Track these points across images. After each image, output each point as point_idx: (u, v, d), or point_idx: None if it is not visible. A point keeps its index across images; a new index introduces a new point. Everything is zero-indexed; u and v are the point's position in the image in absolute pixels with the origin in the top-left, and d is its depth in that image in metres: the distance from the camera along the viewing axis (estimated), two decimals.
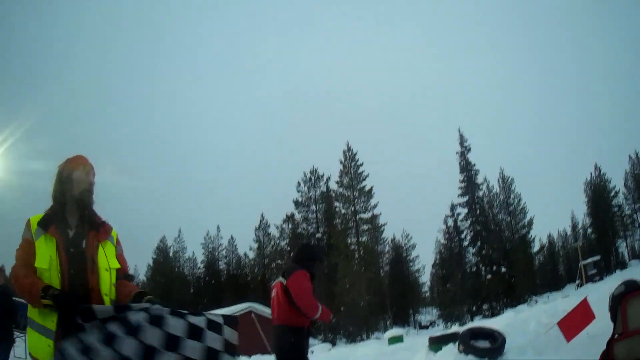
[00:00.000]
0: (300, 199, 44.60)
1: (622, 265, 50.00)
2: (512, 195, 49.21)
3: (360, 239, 41.40)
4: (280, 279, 4.34)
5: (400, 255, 55.28)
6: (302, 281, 4.17)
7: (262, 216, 50.28)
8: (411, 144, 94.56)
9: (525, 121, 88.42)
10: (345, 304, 35.98)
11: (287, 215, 43.72)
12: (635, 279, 3.02)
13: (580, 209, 59.80)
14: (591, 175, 58.73)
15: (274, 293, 4.39)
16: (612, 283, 20.50)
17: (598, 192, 57.07)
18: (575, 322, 8.90)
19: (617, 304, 2.71)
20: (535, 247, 50.22)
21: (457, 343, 8.42)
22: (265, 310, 23.24)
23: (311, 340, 5.01)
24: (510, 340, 8.91)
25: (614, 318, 2.75)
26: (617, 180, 58.84)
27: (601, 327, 8.90)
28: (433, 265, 55.65)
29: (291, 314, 4.19)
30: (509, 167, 62.08)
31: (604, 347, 2.76)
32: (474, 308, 37.09)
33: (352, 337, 34.83)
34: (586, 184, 58.64)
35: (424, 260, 59.78)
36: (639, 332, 2.50)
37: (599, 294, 14.20)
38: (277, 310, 4.30)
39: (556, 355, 8.54)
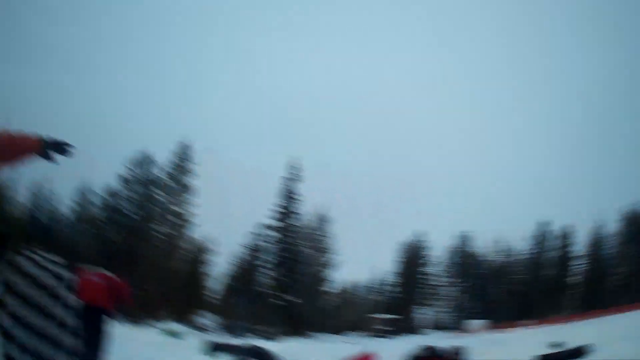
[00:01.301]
0: (127, 176, 47.35)
1: (416, 331, 57.30)
2: (323, 233, 56.19)
3: (167, 229, 46.51)
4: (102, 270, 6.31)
5: (198, 255, 56.94)
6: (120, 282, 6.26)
7: (86, 181, 49.89)
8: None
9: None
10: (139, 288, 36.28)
11: (111, 188, 46.91)
12: (434, 346, 3.77)
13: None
14: (411, 238, 67.34)
15: (95, 278, 5.93)
16: (404, 344, 23.36)
17: (412, 256, 65.18)
18: None
19: None
20: (332, 288, 59.36)
21: (235, 356, 8.98)
22: None
23: None
24: None
25: None
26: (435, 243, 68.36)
27: None
28: (225, 274, 58.25)
29: (105, 300, 5.90)
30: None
31: None
32: (256, 327, 40.07)
33: (136, 320, 35.70)
34: (402, 244, 67.03)
35: (219, 265, 61.12)
36: None
37: (389, 352, 16.28)
38: (96, 294, 5.74)
39: None
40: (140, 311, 38.14)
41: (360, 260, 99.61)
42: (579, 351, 7.84)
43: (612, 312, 39.36)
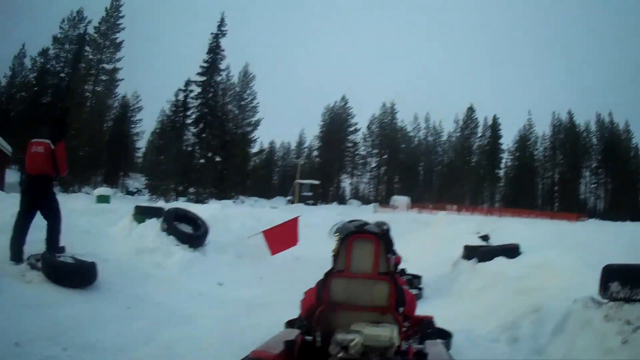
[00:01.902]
0: (59, 36, 48.88)
1: (341, 200, 60.16)
2: (248, 91, 60.79)
3: (96, 88, 49.01)
4: (48, 141, 6.99)
5: (126, 115, 61.10)
6: (64, 151, 7.12)
7: (23, 46, 52.38)
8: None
9: None
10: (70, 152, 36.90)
11: (43, 48, 48.50)
12: (365, 222, 3.82)
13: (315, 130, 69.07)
14: (335, 103, 68.66)
15: (40, 149, 6.94)
16: (327, 212, 24.34)
17: (337, 122, 66.65)
18: (281, 237, 10.55)
19: (344, 240, 3.30)
20: (256, 149, 62.42)
21: (161, 219, 9.05)
22: None
23: None
24: (213, 233, 9.90)
25: (336, 252, 3.35)
26: (361, 120, 70.37)
27: (305, 251, 10.80)
28: (152, 133, 61.51)
29: (49, 169, 6.99)
30: (254, 64, 68.43)
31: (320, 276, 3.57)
32: (181, 188, 41.99)
33: (65, 187, 37.26)
34: (327, 108, 68.22)
35: (146, 125, 62.31)
36: (357, 276, 3.24)
37: (313, 219, 16.81)
38: (39, 164, 6.94)
39: (253, 266, 9.99)
40: (72, 176, 39.88)
41: (284, 122, 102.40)
42: (513, 249, 8.23)
43: (535, 216, 42.76)
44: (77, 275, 5.71)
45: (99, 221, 9.17)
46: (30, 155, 6.97)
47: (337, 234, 3.41)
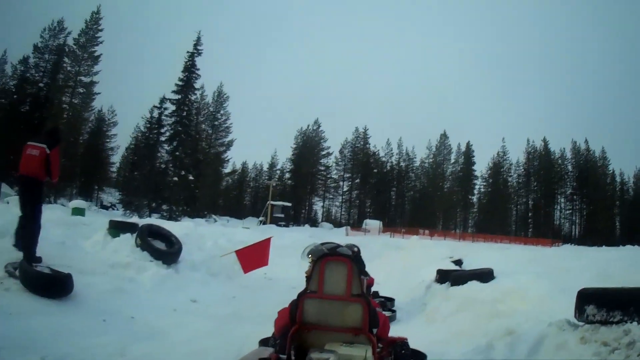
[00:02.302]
0: (40, 45, 49.01)
1: (313, 223, 60.34)
2: (222, 111, 61.21)
3: (73, 100, 49.62)
4: (44, 145, 7.34)
5: (101, 129, 61.04)
6: (58, 157, 7.51)
7: (5, 52, 51.92)
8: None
9: None
10: None
11: (24, 56, 48.33)
12: (338, 245, 3.89)
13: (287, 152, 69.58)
14: (308, 126, 69.62)
15: (35, 152, 7.28)
16: (299, 234, 24.31)
17: (310, 145, 67.22)
18: (254, 257, 10.57)
19: (317, 262, 3.33)
20: (228, 169, 63.58)
21: (135, 235, 9.02)
22: None
23: None
24: (186, 250, 9.88)
25: (309, 273, 3.40)
26: (334, 144, 71.14)
27: (276, 272, 10.84)
28: (127, 149, 62.00)
29: (42, 172, 7.32)
30: (229, 85, 69.61)
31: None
32: (154, 205, 42.04)
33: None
34: (300, 131, 69.04)
35: (120, 140, 62.41)
36: (330, 298, 3.21)
37: (285, 240, 16.82)
38: (33, 166, 7.27)
39: (226, 285, 9.96)
40: (48, 188, 39.65)
41: (257, 143, 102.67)
42: (486, 274, 8.32)
43: (509, 241, 43.33)
44: (53, 285, 5.68)
45: (74, 233, 9.09)
46: (25, 157, 7.32)
47: (310, 255, 3.47)
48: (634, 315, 3.83)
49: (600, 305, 4.02)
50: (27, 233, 7.13)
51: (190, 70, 47.06)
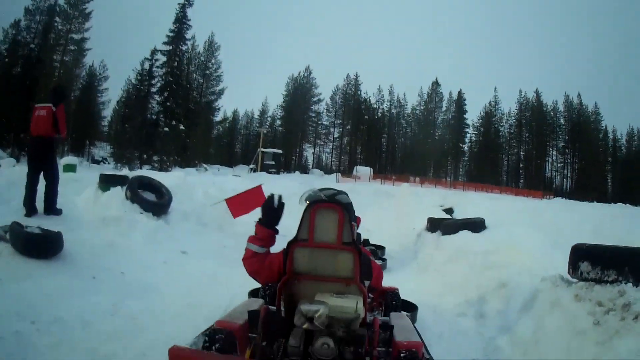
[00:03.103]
0: (31, 7, 48.69)
1: (303, 170, 60.48)
2: (212, 60, 60.70)
3: (64, 58, 49.16)
4: (50, 105, 8.02)
5: (93, 84, 61.37)
6: (64, 114, 8.17)
7: None
8: None
9: None
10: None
11: (15, 20, 47.95)
12: (337, 192, 3.82)
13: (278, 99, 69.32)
14: (299, 73, 68.88)
15: (43, 112, 7.97)
16: (290, 181, 24.31)
17: (301, 92, 66.79)
18: (244, 203, 10.58)
19: (308, 209, 3.17)
20: (219, 117, 63.36)
21: (125, 188, 8.96)
22: None
23: None
24: (176, 201, 9.85)
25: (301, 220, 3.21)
26: (325, 91, 70.66)
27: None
28: (118, 102, 61.98)
29: (51, 130, 7.97)
30: (220, 33, 68.97)
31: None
32: (145, 157, 42.51)
33: None
34: (291, 78, 68.41)
35: (112, 94, 62.04)
36: (320, 246, 3.12)
37: (276, 188, 16.75)
38: (42, 126, 7.95)
39: (216, 235, 9.98)
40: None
41: (248, 90, 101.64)
42: (478, 223, 8.31)
43: (500, 191, 43.55)
44: (43, 245, 5.62)
45: (66, 191, 8.97)
46: (35, 118, 8.04)
47: (307, 201, 3.39)
48: (629, 276, 3.81)
49: (595, 262, 3.98)
50: (49, 187, 7.99)
51: (181, 21, 47.08)
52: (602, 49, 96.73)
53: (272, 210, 3.37)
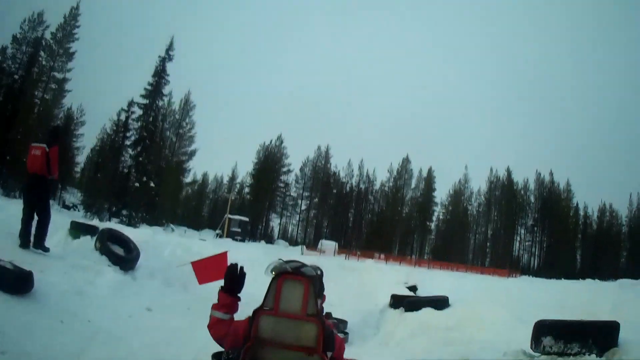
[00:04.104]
0: (18, 36, 48.52)
1: (269, 239, 60.19)
2: (187, 120, 60.60)
3: (45, 95, 48.57)
4: (44, 145, 8.48)
5: (69, 127, 59.08)
6: (56, 155, 8.49)
7: None
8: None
9: None
10: (13, 154, 39.99)
11: (2, 46, 47.55)
12: (302, 264, 3.99)
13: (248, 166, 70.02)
14: (271, 141, 69.76)
15: (38, 152, 8.39)
16: (255, 249, 24.24)
17: (271, 161, 67.37)
18: (209, 269, 10.61)
19: (275, 279, 3.59)
20: (189, 179, 63.75)
21: (95, 238, 9.00)
22: None
23: None
24: (143, 258, 9.85)
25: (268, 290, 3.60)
26: (295, 162, 71.29)
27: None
28: (92, 150, 60.85)
29: (44, 170, 8.35)
30: (195, 93, 69.82)
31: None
32: (115, 209, 42.04)
33: (7, 191, 38.50)
34: (262, 146, 69.78)
35: (86, 141, 61.59)
36: (285, 315, 3.41)
37: (241, 255, 16.74)
38: (36, 165, 8.36)
39: (181, 294, 9.95)
40: (15, 182, 38.99)
41: (219, 154, 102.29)
42: (441, 301, 8.50)
43: (465, 269, 43.90)
44: (15, 281, 5.64)
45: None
46: (30, 157, 8.50)
47: (273, 272, 3.55)
48: (593, 347, 3.99)
49: (558, 336, 4.14)
50: (40, 224, 8.34)
51: (160, 75, 47.38)
52: (573, 123, 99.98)
53: (235, 278, 3.43)
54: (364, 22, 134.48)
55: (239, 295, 3.42)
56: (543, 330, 4.34)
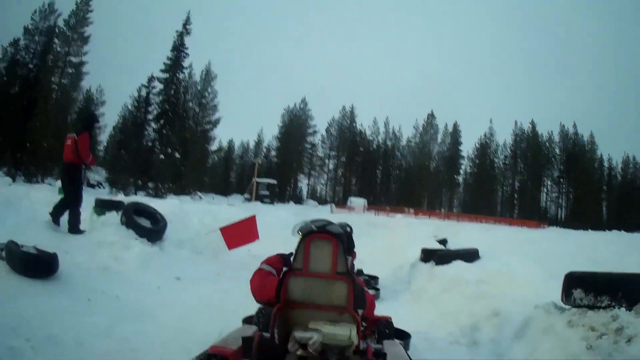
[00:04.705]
0: (30, 27, 48.07)
1: (298, 200, 60.51)
2: (209, 90, 60.98)
3: (62, 81, 48.25)
4: (73, 134, 8.94)
5: (90, 108, 59.05)
6: (86, 142, 8.86)
7: None
8: None
9: None
10: (33, 142, 40.49)
11: (14, 39, 47.30)
12: (328, 222, 3.88)
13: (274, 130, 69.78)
14: (295, 104, 69.85)
15: (69, 142, 8.86)
16: (284, 211, 24.36)
17: (296, 123, 67.37)
18: (238, 234, 10.59)
19: (303, 240, 3.24)
20: (214, 147, 63.75)
21: (120, 213, 9.00)
22: None
23: None
24: (171, 228, 9.85)
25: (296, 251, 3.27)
26: (320, 123, 71.01)
27: (261, 249, 10.88)
28: (114, 128, 62.62)
29: (75, 158, 8.81)
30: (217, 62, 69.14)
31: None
32: (140, 183, 42.62)
33: (29, 178, 38.59)
34: (287, 110, 69.54)
35: (108, 119, 62.23)
36: (314, 275, 3.15)
37: (270, 218, 16.80)
38: (68, 153, 8.80)
39: (211, 263, 9.97)
40: (37, 168, 40.92)
41: (244, 121, 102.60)
42: (471, 254, 8.35)
43: (494, 221, 43.57)
44: (39, 265, 5.65)
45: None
46: (65, 147, 8.91)
47: (300, 232, 3.45)
48: (622, 301, 3.84)
49: (588, 289, 4.00)
50: (72, 210, 8.73)
51: (178, 49, 47.25)
52: (599, 77, 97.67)
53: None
54: None
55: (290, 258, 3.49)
56: (573, 282, 4.19)
